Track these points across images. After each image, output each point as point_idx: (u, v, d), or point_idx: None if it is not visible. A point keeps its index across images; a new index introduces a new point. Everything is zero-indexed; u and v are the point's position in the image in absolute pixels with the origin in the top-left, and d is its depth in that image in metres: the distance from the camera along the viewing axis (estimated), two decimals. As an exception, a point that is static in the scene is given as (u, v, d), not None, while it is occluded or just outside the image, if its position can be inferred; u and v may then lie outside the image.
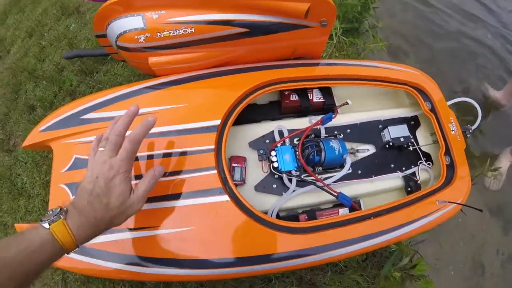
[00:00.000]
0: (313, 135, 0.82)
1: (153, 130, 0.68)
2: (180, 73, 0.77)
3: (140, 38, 0.69)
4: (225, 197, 0.64)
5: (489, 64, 1.93)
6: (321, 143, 0.76)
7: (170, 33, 0.67)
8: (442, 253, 1.35)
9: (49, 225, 0.46)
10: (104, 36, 0.76)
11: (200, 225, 0.63)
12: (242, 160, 0.77)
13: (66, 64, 1.37)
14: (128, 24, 0.68)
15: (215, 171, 0.65)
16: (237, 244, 0.63)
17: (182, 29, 0.67)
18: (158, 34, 0.68)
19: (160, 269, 0.62)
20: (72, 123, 0.74)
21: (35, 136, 0.76)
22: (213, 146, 0.67)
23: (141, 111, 0.70)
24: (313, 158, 0.75)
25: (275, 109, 0.87)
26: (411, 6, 2.11)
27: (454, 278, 1.33)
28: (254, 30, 0.69)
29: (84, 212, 0.49)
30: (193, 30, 0.67)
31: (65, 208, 0.49)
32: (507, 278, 1.39)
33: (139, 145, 0.56)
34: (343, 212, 0.73)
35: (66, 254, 0.48)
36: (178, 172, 0.66)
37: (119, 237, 0.64)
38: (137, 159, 0.66)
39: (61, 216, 0.47)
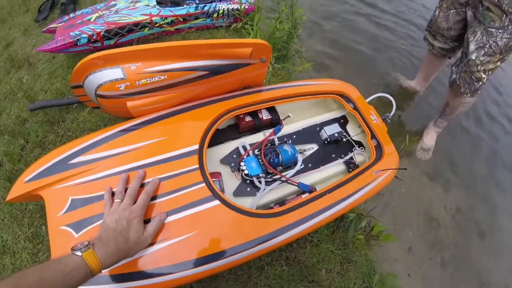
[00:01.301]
0: (269, 144, 1.03)
1: (145, 162, 0.83)
2: (154, 113, 0.92)
3: (120, 87, 0.84)
4: (216, 202, 0.79)
5: (401, 59, 2.34)
6: (277, 149, 0.97)
7: (147, 80, 0.84)
8: (396, 219, 1.58)
9: (81, 253, 0.59)
10: (80, 87, 0.89)
11: (202, 228, 0.77)
12: (218, 174, 0.94)
13: (28, 116, 1.36)
14: (108, 75, 0.83)
15: (204, 184, 0.81)
16: (234, 235, 0.78)
17: (157, 77, 0.84)
18: (137, 82, 0.84)
19: (177, 273, 0.72)
20: (60, 169, 0.81)
21: (20, 187, 0.79)
22: (197, 166, 0.83)
23: (129, 147, 0.85)
24: (273, 161, 0.96)
25: (234, 130, 1.07)
26: (327, 26, 2.46)
27: (413, 237, 1.56)
28: (213, 71, 0.89)
29: (109, 244, 0.64)
30: (165, 76, 0.85)
31: (91, 242, 0.63)
32: (460, 227, 1.65)
33: (150, 197, 0.77)
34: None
35: (91, 278, 0.60)
36: (173, 192, 0.80)
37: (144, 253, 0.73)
38: (142, 185, 0.79)
39: (90, 247, 0.61)
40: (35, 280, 0.51)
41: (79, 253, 0.59)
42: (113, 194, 0.78)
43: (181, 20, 1.62)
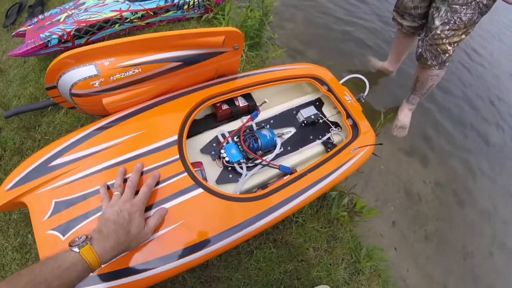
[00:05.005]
0: (248, 130, 1.04)
1: (125, 157, 0.83)
2: (130, 108, 0.92)
3: (95, 84, 0.83)
4: (200, 190, 0.80)
5: (372, 42, 2.39)
6: (256, 134, 0.99)
7: (121, 75, 0.84)
8: (378, 195, 1.63)
9: (79, 249, 0.57)
10: (54, 87, 0.88)
11: (188, 217, 0.78)
12: (199, 164, 0.95)
13: (3, 124, 1.34)
14: (82, 73, 0.82)
15: (186, 174, 0.82)
16: (220, 221, 0.79)
17: (131, 71, 0.84)
18: (111, 77, 0.83)
19: (167, 265, 0.72)
20: (41, 173, 0.79)
21: (2, 196, 0.77)
22: (177, 156, 0.84)
23: (108, 144, 0.85)
24: (253, 146, 0.98)
25: (212, 119, 1.08)
26: (298, 12, 2.49)
27: (395, 212, 1.62)
28: (186, 62, 0.90)
29: (109, 237, 0.63)
30: (140, 70, 0.85)
31: (90, 236, 0.62)
32: (440, 199, 1.72)
33: (151, 191, 0.77)
34: (287, 178, 0.95)
35: (91, 273, 0.60)
36: (156, 183, 0.80)
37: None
38: (125, 180, 0.78)
39: (88, 242, 0.59)
40: (28, 281, 0.50)
41: (76, 249, 0.57)
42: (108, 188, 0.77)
43: (152, 14, 1.60)
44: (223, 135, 1.01)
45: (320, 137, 1.12)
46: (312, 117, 1.12)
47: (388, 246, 1.50)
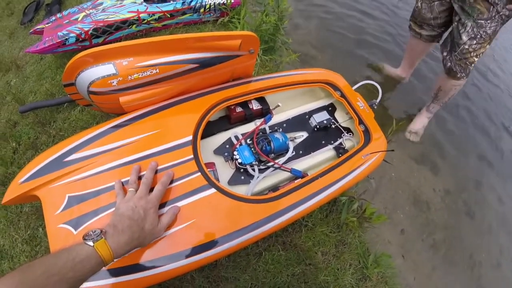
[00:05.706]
0: (261, 133, 1.05)
1: (140, 155, 0.84)
2: (146, 107, 0.93)
3: (113, 82, 0.85)
4: (212, 190, 0.81)
5: (385, 49, 2.39)
6: (269, 137, 1.00)
7: (139, 75, 0.85)
8: (387, 203, 1.63)
9: (93, 243, 0.58)
10: (72, 84, 0.89)
11: (199, 216, 0.79)
12: (212, 164, 0.96)
13: (18, 118, 1.36)
14: (100, 72, 0.84)
15: (199, 173, 0.83)
16: (231, 221, 0.80)
17: (148, 71, 0.86)
18: (129, 77, 0.85)
19: (176, 263, 0.73)
20: (56, 167, 0.80)
21: (15, 189, 0.78)
22: (192, 156, 0.85)
23: (123, 142, 0.87)
24: (265, 149, 0.99)
25: (225, 121, 1.09)
26: (312, 17, 2.50)
27: (404, 219, 1.62)
28: (203, 64, 0.92)
29: (124, 232, 0.64)
30: (157, 70, 0.87)
31: (104, 230, 0.63)
32: (449, 208, 1.71)
33: (165, 189, 0.78)
34: (298, 182, 0.96)
35: (103, 267, 0.61)
36: (170, 182, 0.81)
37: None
38: (139, 178, 0.79)
39: (102, 236, 0.61)
40: (42, 272, 0.51)
41: (90, 243, 0.58)
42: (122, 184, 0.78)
43: (168, 16, 1.63)
44: (236, 137, 1.02)
45: (332, 142, 1.12)
46: (325, 122, 1.13)
47: (396, 254, 1.49)
